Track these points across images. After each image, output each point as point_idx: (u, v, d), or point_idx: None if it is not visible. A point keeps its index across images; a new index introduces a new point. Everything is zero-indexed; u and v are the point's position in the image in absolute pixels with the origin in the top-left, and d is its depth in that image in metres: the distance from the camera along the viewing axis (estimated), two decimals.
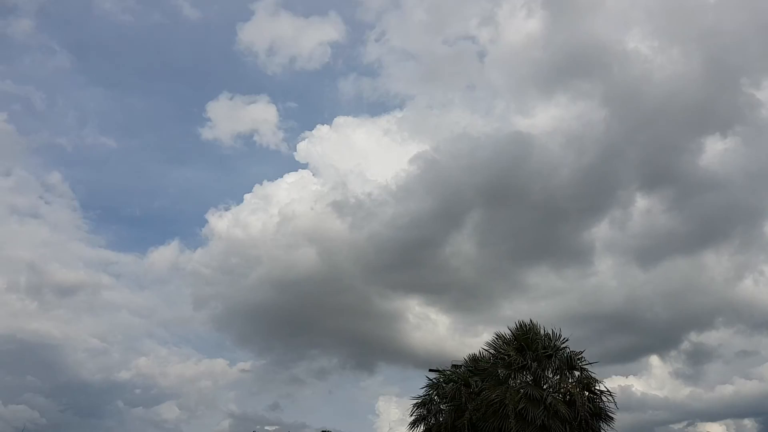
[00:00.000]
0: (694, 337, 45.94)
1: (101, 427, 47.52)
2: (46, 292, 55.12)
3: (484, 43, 53.80)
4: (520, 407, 17.56)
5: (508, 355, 19.95)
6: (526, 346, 19.86)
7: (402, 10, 60.68)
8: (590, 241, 47.81)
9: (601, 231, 47.98)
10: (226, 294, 51.13)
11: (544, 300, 47.99)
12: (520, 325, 20.51)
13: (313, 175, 57.80)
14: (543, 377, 19.56)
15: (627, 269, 49.20)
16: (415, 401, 22.74)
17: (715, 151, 45.77)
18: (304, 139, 64.99)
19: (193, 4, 67.93)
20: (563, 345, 19.89)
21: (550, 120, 46.96)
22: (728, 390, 46.59)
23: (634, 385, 44.50)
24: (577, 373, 19.64)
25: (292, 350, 52.66)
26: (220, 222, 59.41)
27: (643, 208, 47.36)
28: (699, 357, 45.68)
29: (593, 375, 19.32)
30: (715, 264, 47.93)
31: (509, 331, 20.51)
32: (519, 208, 47.19)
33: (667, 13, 48.56)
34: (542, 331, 20.16)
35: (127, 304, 57.12)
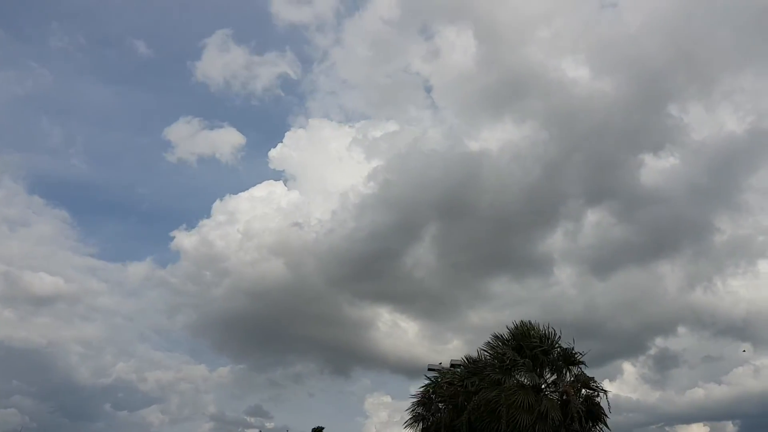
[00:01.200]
0: (659, 343, 47.20)
1: (90, 429, 50.15)
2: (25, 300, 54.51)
3: (427, 74, 58.31)
4: (512, 410, 17.64)
5: (506, 355, 20.06)
6: (524, 346, 19.95)
7: (346, 47, 61.95)
8: (548, 252, 50.45)
9: (556, 242, 50.71)
10: (201, 304, 53.80)
11: (507, 308, 50.70)
12: (518, 325, 20.60)
13: (281, 187, 60.40)
14: (540, 376, 19.68)
15: (584, 279, 51.52)
16: (413, 400, 22.91)
17: (653, 168, 49.12)
18: (266, 157, 68.24)
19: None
20: (559, 343, 20.00)
21: (496, 141, 50.06)
22: (699, 394, 48.09)
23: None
24: (574, 370, 19.75)
25: (268, 356, 54.95)
26: (188, 238, 60.77)
27: (594, 221, 50.33)
28: (666, 362, 47.01)
29: (588, 375, 19.41)
30: (669, 273, 50.39)
31: (507, 331, 20.64)
32: (473, 221, 49.41)
33: (594, 44, 51.64)
34: (540, 331, 20.23)
35: (112, 312, 58.42)
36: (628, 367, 47.88)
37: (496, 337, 20.69)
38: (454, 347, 51.94)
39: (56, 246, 63.78)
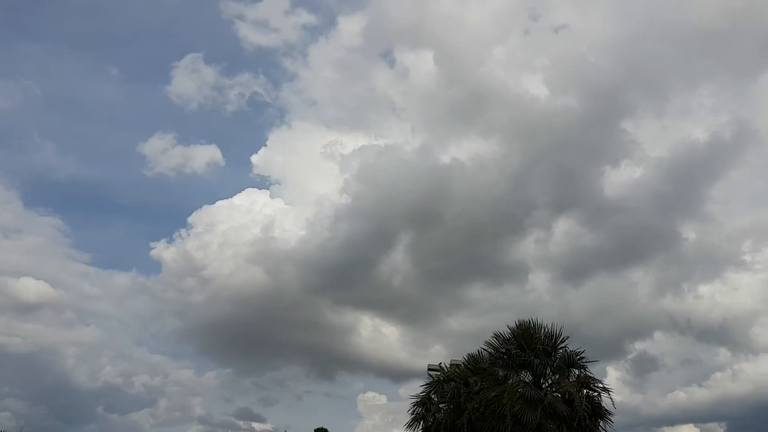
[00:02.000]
0: (638, 347, 47.78)
1: (84, 431, 51.10)
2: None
3: (393, 93, 61.91)
4: (516, 407, 17.39)
5: (508, 354, 19.86)
6: (526, 345, 19.72)
7: (314, 69, 67.69)
8: (522, 260, 52.26)
9: (529, 250, 52.63)
10: (185, 311, 55.50)
11: (486, 315, 52.04)
12: (520, 324, 20.36)
13: (260, 196, 61.81)
14: (543, 376, 19.47)
15: (558, 285, 53.15)
16: (413, 400, 22.66)
17: (614, 180, 52.13)
18: (243, 167, 72.61)
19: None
20: (562, 343, 19.78)
21: (463, 154, 52.63)
22: (680, 397, 48.64)
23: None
24: (576, 372, 19.55)
25: (253, 360, 56.77)
26: (168, 249, 62.24)
27: (563, 230, 52.40)
28: (645, 366, 47.68)
29: (591, 375, 19.18)
30: (640, 280, 51.98)
31: (508, 330, 20.41)
32: (445, 231, 51.29)
33: (550, 63, 54.84)
34: (542, 330, 20.01)
35: (101, 318, 60.28)
36: (610, 371, 48.41)
37: (497, 335, 20.49)
38: (436, 352, 53.63)
39: (46, 252, 63.36)
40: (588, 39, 55.72)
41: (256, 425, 48.92)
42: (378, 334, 55.75)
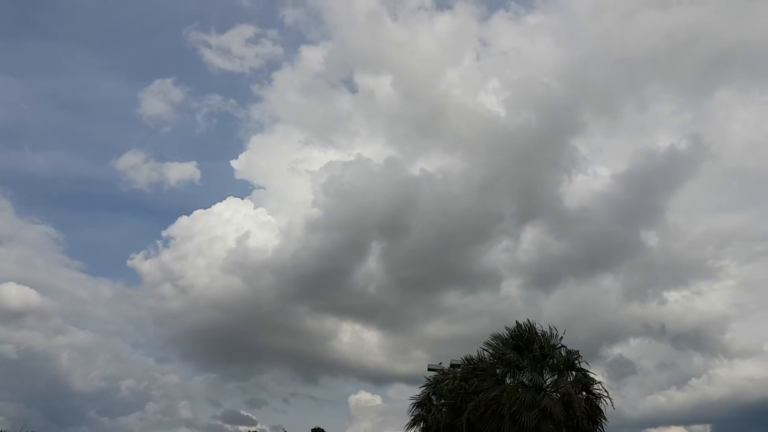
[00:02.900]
0: (614, 351, 48.50)
1: None
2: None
3: (359, 112, 64.65)
4: (515, 408, 17.54)
5: (506, 355, 19.97)
6: (524, 346, 19.86)
7: (280, 92, 71.96)
8: (494, 268, 53.77)
9: (500, 258, 54.35)
10: (168, 318, 56.54)
11: (463, 321, 53.86)
12: (519, 326, 20.48)
13: (237, 207, 62.54)
14: (541, 377, 19.57)
15: (531, 292, 54.42)
16: (413, 401, 22.81)
17: (573, 191, 54.53)
18: (217, 181, 75.25)
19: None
20: (560, 345, 19.90)
21: (429, 168, 55.40)
22: (660, 400, 49.22)
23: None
24: (574, 373, 19.66)
25: (236, 365, 57.74)
26: (149, 260, 63.62)
27: (530, 238, 54.41)
28: (622, 370, 48.25)
29: (591, 375, 19.32)
30: (610, 286, 53.64)
31: (507, 331, 20.54)
32: (416, 240, 53.17)
33: (505, 84, 58.29)
34: (539, 331, 20.15)
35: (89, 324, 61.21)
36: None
37: (495, 337, 20.61)
38: (417, 357, 55.06)
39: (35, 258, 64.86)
40: (537, 62, 59.20)
41: (243, 429, 49.41)
42: (358, 340, 57.57)
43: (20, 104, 79.13)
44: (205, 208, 66.73)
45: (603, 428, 18.80)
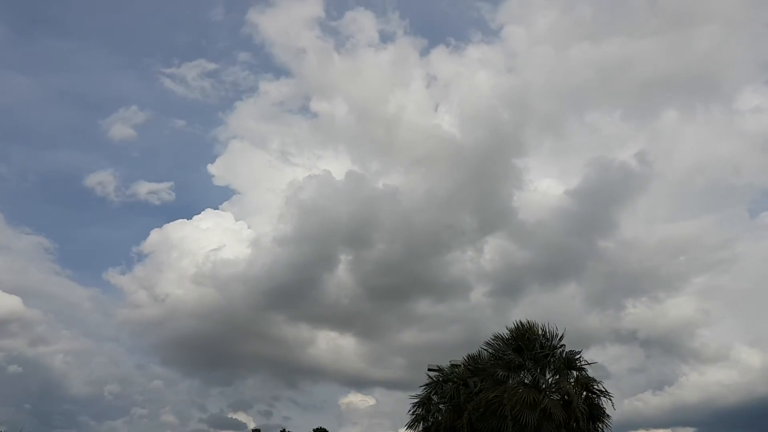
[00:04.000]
0: (586, 356, 49.04)
1: None
2: None
3: (319, 134, 68.06)
4: (516, 409, 17.56)
5: (507, 355, 20.00)
6: (525, 346, 19.88)
7: (241, 118, 74.42)
8: (461, 277, 55.65)
9: (466, 268, 56.28)
10: (147, 327, 57.88)
11: (436, 329, 55.52)
12: (519, 326, 20.50)
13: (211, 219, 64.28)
14: (542, 377, 19.61)
15: (499, 300, 56.32)
16: (413, 400, 22.79)
17: (527, 205, 56.57)
18: (187, 196, 76.76)
19: None
20: (561, 345, 19.94)
21: (391, 183, 57.92)
22: (635, 405, 50.87)
23: None
24: (575, 373, 19.71)
25: (218, 371, 59.32)
26: (126, 272, 65.68)
27: (493, 248, 56.72)
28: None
29: (591, 375, 19.37)
30: (575, 293, 55.00)
31: (507, 332, 20.57)
32: (384, 251, 55.77)
33: (454, 107, 61.62)
34: (540, 331, 20.17)
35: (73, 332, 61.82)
36: None
37: (496, 336, 20.64)
38: (396, 363, 57.44)
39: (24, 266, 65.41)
40: (482, 89, 62.30)
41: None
42: (336, 346, 59.51)
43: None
44: (186, 218, 69.28)
45: (604, 429, 18.93)
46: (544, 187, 60.31)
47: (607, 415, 18.94)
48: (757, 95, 65.93)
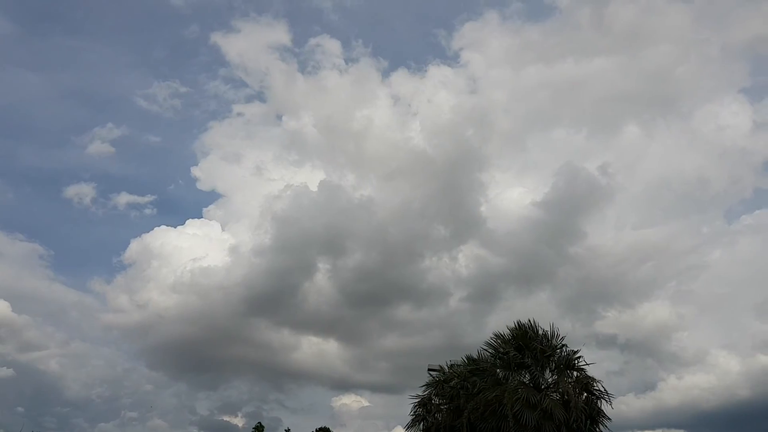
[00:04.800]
0: None
1: None
2: None
3: (295, 150, 69.19)
4: (516, 408, 17.60)
5: (507, 355, 20.04)
6: (525, 346, 19.91)
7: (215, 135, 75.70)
8: (439, 284, 57.27)
9: (443, 274, 57.96)
10: (131, 332, 59.44)
11: (417, 334, 56.81)
12: (519, 325, 20.55)
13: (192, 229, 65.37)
14: (542, 377, 19.65)
15: (476, 306, 57.68)
16: (413, 401, 22.84)
17: (496, 215, 58.74)
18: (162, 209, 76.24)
19: None
20: (561, 345, 19.98)
21: (367, 194, 60.42)
22: (621, 407, 49.79)
23: None
24: (575, 373, 19.74)
25: (204, 376, 59.94)
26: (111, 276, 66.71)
27: (468, 256, 58.14)
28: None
29: (591, 375, 19.40)
30: (549, 299, 55.84)
31: (508, 331, 20.61)
32: (361, 260, 57.51)
33: (420, 123, 64.66)
34: (540, 331, 20.21)
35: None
36: None
37: (497, 336, 20.69)
38: (381, 367, 58.39)
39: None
40: (445, 107, 64.45)
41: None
42: (320, 351, 60.59)
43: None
44: (173, 225, 70.88)
45: (602, 429, 18.95)
46: (512, 197, 62.88)
47: (607, 416, 18.96)
48: (719, 110, 67.57)
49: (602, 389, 19.27)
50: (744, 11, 69.47)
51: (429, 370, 23.52)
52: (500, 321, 55.30)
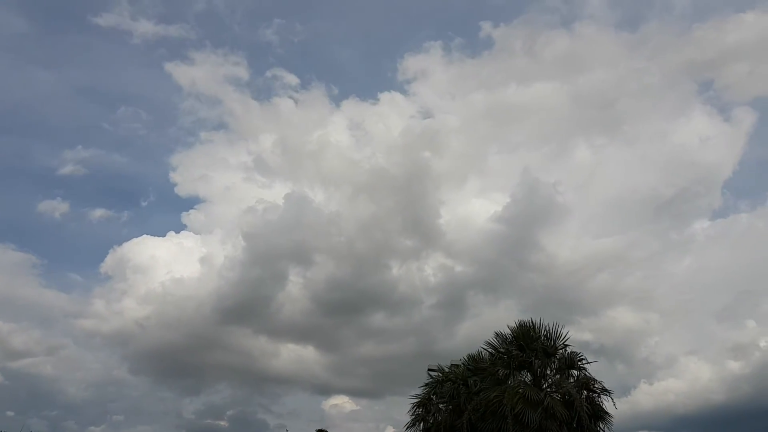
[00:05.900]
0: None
1: None
2: None
3: (257, 167, 70.21)
4: (517, 408, 17.37)
5: (508, 355, 19.83)
6: (526, 345, 19.70)
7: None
8: (410, 292, 58.77)
9: (413, 282, 59.32)
10: (113, 340, 59.30)
11: (394, 341, 58.22)
12: (521, 324, 20.32)
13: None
14: (543, 376, 19.45)
15: (448, 312, 58.78)
16: (413, 401, 22.61)
17: (456, 228, 60.55)
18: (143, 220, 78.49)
19: None
20: (563, 344, 19.77)
21: (333, 209, 62.75)
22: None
23: None
24: (576, 373, 19.54)
25: (187, 380, 60.33)
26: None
27: (435, 266, 59.80)
28: None
29: (591, 375, 19.19)
30: (512, 306, 56.10)
31: (509, 330, 20.38)
32: (327, 268, 59.31)
33: (376, 145, 66.97)
34: (542, 331, 20.00)
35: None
36: None
37: (498, 335, 20.46)
38: (360, 372, 58.90)
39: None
40: (397, 130, 66.88)
41: None
42: (299, 358, 61.84)
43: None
44: (152, 234, 71.21)
45: (606, 428, 18.75)
46: (471, 211, 65.15)
47: (609, 415, 18.74)
48: (666, 128, 69.53)
49: (604, 388, 19.09)
50: (676, 39, 72.86)
51: (429, 370, 23.30)
52: (471, 327, 55.92)
